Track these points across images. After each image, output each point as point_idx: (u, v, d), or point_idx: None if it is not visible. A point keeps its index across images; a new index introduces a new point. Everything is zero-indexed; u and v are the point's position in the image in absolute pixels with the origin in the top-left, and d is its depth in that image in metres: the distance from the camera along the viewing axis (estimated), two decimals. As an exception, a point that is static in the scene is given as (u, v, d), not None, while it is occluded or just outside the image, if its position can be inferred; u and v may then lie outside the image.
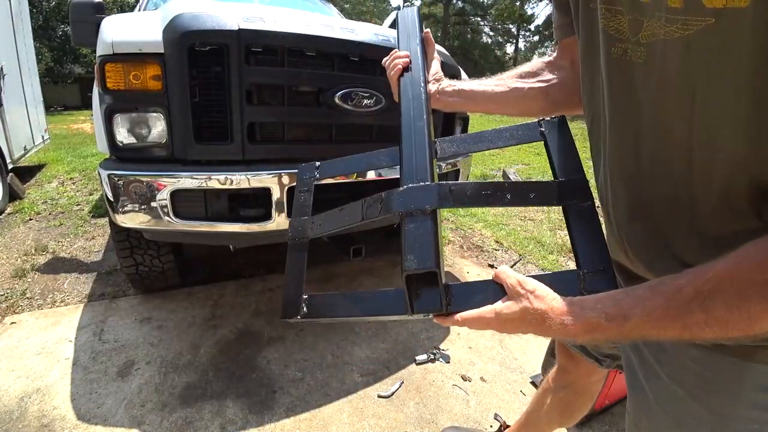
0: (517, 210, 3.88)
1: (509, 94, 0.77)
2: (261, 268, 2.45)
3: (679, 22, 0.40)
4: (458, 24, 30.69)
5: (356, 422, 1.40)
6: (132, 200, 1.34)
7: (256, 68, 1.35)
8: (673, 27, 0.41)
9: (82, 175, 4.70)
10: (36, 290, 2.14)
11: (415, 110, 0.72)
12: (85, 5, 1.80)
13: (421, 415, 1.44)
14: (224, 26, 1.28)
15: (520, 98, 0.76)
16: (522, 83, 0.76)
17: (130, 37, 1.30)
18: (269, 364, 1.64)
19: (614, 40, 0.49)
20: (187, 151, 1.36)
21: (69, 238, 2.86)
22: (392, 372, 1.65)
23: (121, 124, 1.34)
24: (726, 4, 0.36)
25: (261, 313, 2.00)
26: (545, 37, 29.97)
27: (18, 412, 1.35)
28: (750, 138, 0.39)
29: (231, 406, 1.43)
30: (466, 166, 2.06)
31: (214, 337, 1.79)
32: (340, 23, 1.61)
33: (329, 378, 1.59)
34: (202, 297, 2.12)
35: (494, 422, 1.42)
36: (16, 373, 1.53)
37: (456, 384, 1.60)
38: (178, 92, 1.29)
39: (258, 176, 1.38)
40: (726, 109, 0.40)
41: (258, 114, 1.40)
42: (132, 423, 1.34)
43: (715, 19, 0.37)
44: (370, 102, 1.53)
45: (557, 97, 0.74)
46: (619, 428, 1.46)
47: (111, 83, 1.28)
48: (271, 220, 1.44)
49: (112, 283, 2.24)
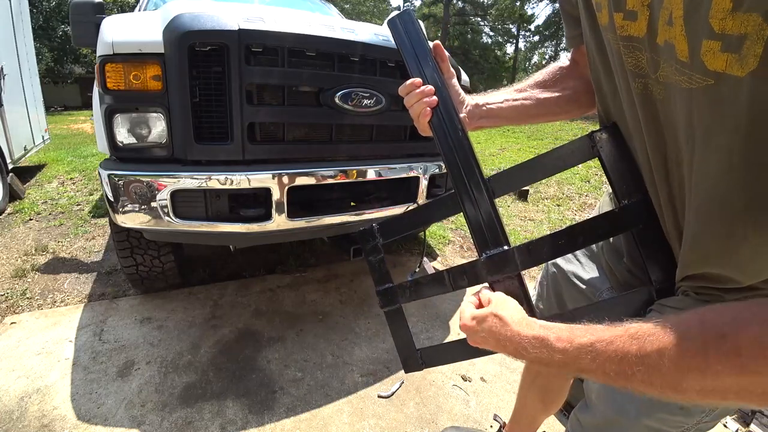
0: (516, 210, 3.88)
1: (540, 106, 0.76)
2: (261, 268, 2.45)
3: (686, 74, 0.42)
4: (458, 24, 30.64)
5: (356, 422, 1.40)
6: (132, 200, 1.34)
7: (256, 68, 1.35)
8: (682, 78, 0.43)
9: (82, 175, 4.70)
10: (36, 290, 2.14)
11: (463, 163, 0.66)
12: (85, 5, 1.80)
13: (421, 415, 1.44)
14: (224, 26, 1.28)
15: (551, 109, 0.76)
16: (549, 93, 0.76)
17: (131, 38, 1.30)
18: (269, 364, 1.64)
19: (635, 75, 0.50)
20: (187, 151, 1.36)
21: (69, 238, 2.86)
22: (392, 372, 1.65)
23: (122, 124, 1.34)
24: (726, 69, 0.38)
25: (261, 313, 2.00)
26: (545, 37, 29.96)
27: (18, 412, 1.35)
28: None
29: (231, 406, 1.43)
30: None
31: (214, 337, 1.79)
32: (340, 23, 1.61)
33: (329, 378, 1.59)
34: (202, 297, 2.12)
35: (494, 422, 1.42)
36: (16, 373, 1.53)
37: (456, 384, 1.60)
38: (179, 92, 1.29)
39: (258, 176, 1.38)
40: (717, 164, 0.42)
41: (258, 114, 1.40)
42: (132, 423, 1.34)
43: (714, 80, 0.39)
44: (370, 102, 1.53)
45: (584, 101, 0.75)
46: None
47: (111, 83, 1.28)
48: (271, 220, 1.44)
49: (112, 283, 2.24)
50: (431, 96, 0.68)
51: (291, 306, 2.08)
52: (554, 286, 0.93)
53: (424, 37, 0.72)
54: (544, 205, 4.08)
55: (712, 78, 0.39)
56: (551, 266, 0.95)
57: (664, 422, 0.62)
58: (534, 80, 0.79)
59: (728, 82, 0.38)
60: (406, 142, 1.77)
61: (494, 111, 0.76)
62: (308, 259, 2.63)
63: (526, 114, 0.77)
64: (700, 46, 0.39)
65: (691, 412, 0.59)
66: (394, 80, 1.59)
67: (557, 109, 0.76)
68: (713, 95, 0.40)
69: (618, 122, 0.59)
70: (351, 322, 1.96)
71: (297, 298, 2.16)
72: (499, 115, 0.76)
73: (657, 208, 0.57)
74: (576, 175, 5.00)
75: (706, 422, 0.61)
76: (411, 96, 0.70)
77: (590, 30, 0.58)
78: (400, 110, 1.68)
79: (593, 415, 0.71)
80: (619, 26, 0.49)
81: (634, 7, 0.46)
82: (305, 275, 2.42)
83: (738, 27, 0.36)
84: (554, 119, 0.80)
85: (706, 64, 0.39)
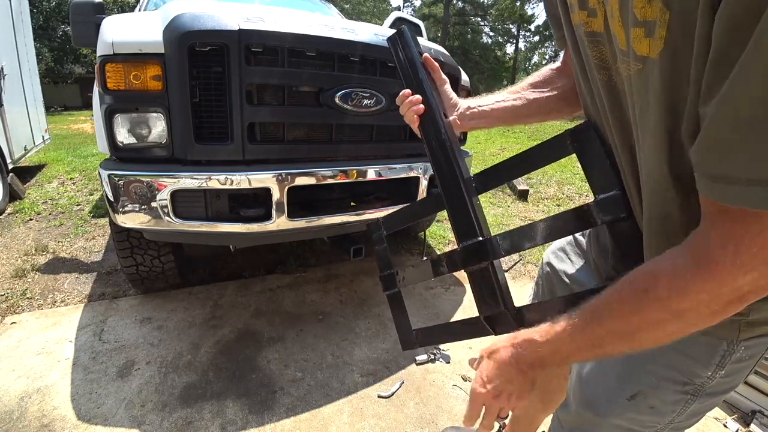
0: (516, 210, 3.88)
1: (530, 106, 0.80)
2: (261, 268, 2.45)
3: (625, 62, 0.46)
4: (458, 24, 30.64)
5: (356, 422, 1.40)
6: (132, 200, 1.34)
7: (257, 68, 1.35)
8: (623, 66, 0.47)
9: (82, 175, 4.70)
10: (36, 290, 2.14)
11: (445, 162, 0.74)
12: (86, 5, 1.80)
13: (421, 415, 1.44)
14: (224, 26, 1.28)
15: (541, 108, 0.80)
16: (539, 93, 0.79)
17: (131, 38, 1.30)
18: (269, 364, 1.64)
19: (599, 68, 0.54)
20: (187, 151, 1.36)
21: (69, 238, 2.86)
22: (392, 372, 1.65)
23: (122, 124, 1.34)
24: (648, 53, 0.42)
25: (261, 313, 2.00)
26: (545, 37, 29.99)
27: (18, 412, 1.35)
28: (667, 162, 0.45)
29: (231, 406, 1.43)
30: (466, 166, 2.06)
31: (214, 337, 1.79)
32: (340, 23, 1.61)
33: (329, 378, 1.59)
34: (202, 297, 2.12)
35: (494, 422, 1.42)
36: (16, 373, 1.53)
37: (456, 384, 1.60)
38: (179, 92, 1.29)
39: (258, 176, 1.38)
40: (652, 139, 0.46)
41: (258, 114, 1.40)
42: (132, 423, 1.34)
43: (642, 65, 0.43)
44: (370, 102, 1.53)
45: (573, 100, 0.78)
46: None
47: (111, 83, 1.28)
48: (271, 220, 1.44)
49: (112, 283, 2.24)
50: (419, 104, 0.78)
51: (291, 306, 2.08)
52: (548, 284, 0.95)
53: (416, 52, 0.82)
54: (544, 205, 4.08)
55: (641, 62, 0.43)
56: (546, 266, 0.97)
57: (634, 422, 0.62)
58: (527, 82, 0.82)
59: (649, 65, 0.42)
60: (406, 142, 1.77)
61: (486, 112, 0.81)
62: (308, 259, 2.63)
63: (517, 114, 0.80)
64: (631, 34, 0.43)
65: (661, 412, 0.60)
66: (394, 80, 1.59)
67: (547, 108, 0.79)
68: (643, 79, 0.44)
69: (595, 117, 0.61)
70: (351, 322, 1.96)
71: (297, 298, 2.16)
72: (490, 116, 0.81)
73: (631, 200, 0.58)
74: (576, 175, 5.00)
75: (680, 421, 0.61)
76: (403, 105, 0.80)
77: (567, 30, 0.60)
78: (400, 110, 1.68)
79: (569, 412, 0.73)
80: (584, 23, 0.53)
81: (594, 5, 0.51)
82: (305, 275, 2.42)
83: (652, 13, 0.40)
84: (546, 119, 0.83)
85: (636, 50, 0.43)
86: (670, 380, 0.58)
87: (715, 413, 1.56)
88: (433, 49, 1.81)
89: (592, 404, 0.66)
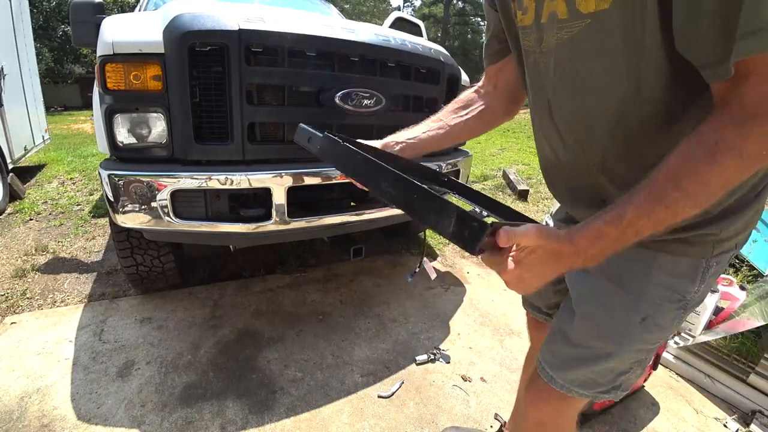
0: (516, 210, 3.88)
1: (452, 131, 0.89)
2: (261, 268, 2.45)
3: (566, 28, 0.56)
4: (458, 24, 30.63)
5: (356, 422, 1.40)
6: (132, 200, 1.34)
7: (257, 68, 1.35)
8: (563, 32, 0.57)
9: (82, 175, 4.70)
10: (36, 290, 2.14)
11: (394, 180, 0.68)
12: (86, 5, 1.80)
13: (421, 415, 1.44)
14: (224, 26, 1.28)
15: (461, 131, 0.90)
16: (458, 118, 0.90)
17: (131, 38, 1.30)
18: (269, 364, 1.64)
19: (528, 53, 0.68)
20: (187, 151, 1.36)
21: (69, 238, 2.86)
22: (392, 372, 1.65)
23: (122, 124, 1.34)
24: (596, 8, 0.51)
25: (261, 313, 2.00)
26: (545, 37, 29.89)
27: (18, 412, 1.35)
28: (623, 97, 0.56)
29: (231, 406, 1.43)
30: (466, 166, 2.06)
31: (214, 337, 1.79)
32: (340, 23, 1.61)
33: (329, 378, 1.59)
34: (202, 297, 2.12)
35: (495, 422, 1.42)
36: (16, 373, 1.53)
37: (456, 384, 1.60)
38: (179, 92, 1.29)
39: (258, 176, 1.38)
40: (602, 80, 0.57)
41: (258, 114, 1.40)
42: (132, 423, 1.34)
43: (591, 20, 0.53)
44: (370, 102, 1.53)
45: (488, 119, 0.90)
46: (619, 428, 1.46)
47: (111, 83, 1.28)
48: (272, 220, 1.44)
49: (112, 283, 2.24)
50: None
51: (291, 306, 2.08)
52: None
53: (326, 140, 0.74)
54: (543, 205, 4.08)
55: (589, 18, 0.53)
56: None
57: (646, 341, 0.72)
58: (448, 109, 0.92)
59: (600, 16, 0.52)
60: (406, 142, 1.77)
61: (414, 144, 0.89)
62: (308, 259, 2.63)
63: (442, 140, 0.90)
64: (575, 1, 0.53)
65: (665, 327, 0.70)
66: (394, 80, 1.59)
67: (467, 128, 0.90)
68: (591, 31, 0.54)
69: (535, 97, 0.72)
70: (351, 322, 1.96)
71: (297, 298, 2.16)
72: (417, 147, 0.88)
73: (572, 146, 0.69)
74: (576, 175, 4.99)
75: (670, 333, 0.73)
76: None
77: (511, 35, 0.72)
78: (400, 110, 1.68)
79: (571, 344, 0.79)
80: (519, 20, 0.66)
81: (527, 4, 0.63)
82: (305, 275, 2.42)
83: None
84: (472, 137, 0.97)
85: (581, 11, 0.53)
86: (667, 299, 0.67)
87: (716, 413, 1.56)
88: (433, 49, 1.81)
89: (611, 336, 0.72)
